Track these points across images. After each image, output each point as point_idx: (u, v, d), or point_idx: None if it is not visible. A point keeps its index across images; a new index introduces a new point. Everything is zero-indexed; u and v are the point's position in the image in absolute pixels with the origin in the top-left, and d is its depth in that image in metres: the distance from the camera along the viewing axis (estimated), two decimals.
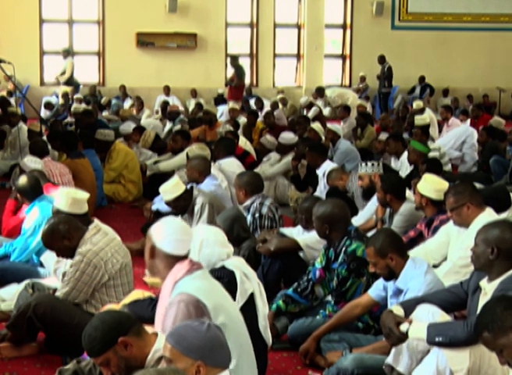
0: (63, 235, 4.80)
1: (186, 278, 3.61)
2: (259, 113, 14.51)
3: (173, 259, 3.69)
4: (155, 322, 3.74)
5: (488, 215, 5.09)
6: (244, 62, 19.81)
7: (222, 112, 16.00)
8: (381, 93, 19.88)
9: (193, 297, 3.49)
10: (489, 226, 3.95)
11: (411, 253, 4.85)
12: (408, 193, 6.58)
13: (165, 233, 3.72)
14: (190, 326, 3.06)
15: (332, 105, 18.08)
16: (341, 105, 16.21)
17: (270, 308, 5.06)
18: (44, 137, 10.29)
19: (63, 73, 18.34)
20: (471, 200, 5.15)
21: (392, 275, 4.45)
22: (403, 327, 3.85)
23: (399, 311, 3.97)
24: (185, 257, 3.72)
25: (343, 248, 4.99)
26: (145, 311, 4.35)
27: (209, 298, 3.54)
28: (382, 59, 19.82)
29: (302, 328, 4.95)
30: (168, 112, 14.16)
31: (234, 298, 4.58)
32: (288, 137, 10.10)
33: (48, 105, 17.78)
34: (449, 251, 5.36)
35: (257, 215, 6.52)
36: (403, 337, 3.84)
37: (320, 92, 19.12)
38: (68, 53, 18.69)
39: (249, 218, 6.48)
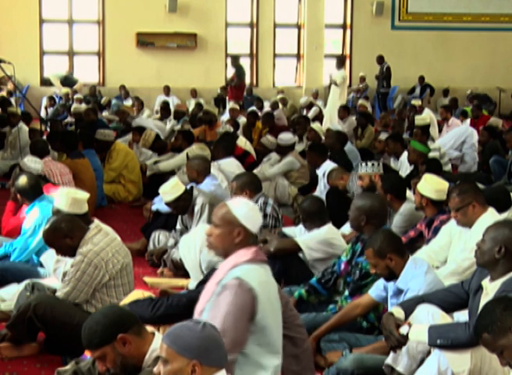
0: (65, 234, 4.80)
1: (248, 266, 3.62)
2: (259, 113, 14.51)
3: (246, 239, 3.70)
4: (200, 298, 3.75)
5: (491, 215, 5.08)
6: (244, 62, 19.81)
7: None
8: (379, 93, 19.87)
9: (249, 285, 3.53)
10: (501, 225, 3.93)
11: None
12: (408, 193, 6.58)
13: (247, 209, 3.74)
14: (185, 325, 3.07)
15: (333, 82, 17.51)
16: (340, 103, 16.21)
17: (293, 296, 5.20)
18: (44, 137, 10.28)
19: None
20: (476, 199, 5.14)
21: (392, 275, 4.46)
22: (403, 330, 3.85)
23: (399, 313, 3.97)
24: (254, 243, 3.75)
25: None
26: (145, 311, 4.35)
27: (263, 294, 3.57)
28: (380, 59, 19.82)
29: (307, 322, 4.94)
30: (174, 111, 14.14)
31: None
32: (286, 137, 10.09)
33: (50, 100, 17.82)
34: (450, 251, 5.36)
35: (261, 214, 6.51)
36: (403, 340, 3.84)
37: (341, 61, 18.18)
38: (49, 82, 18.99)
39: None
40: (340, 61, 17.96)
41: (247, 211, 3.73)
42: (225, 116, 14.94)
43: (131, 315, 3.51)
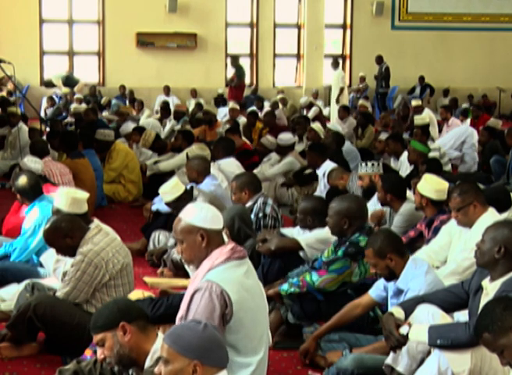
0: (66, 233, 4.80)
1: (223, 266, 3.62)
2: (259, 113, 14.51)
3: (213, 238, 3.68)
4: (181, 304, 3.75)
5: (491, 215, 5.08)
6: (244, 62, 19.82)
7: (224, 113, 15.96)
8: (378, 93, 19.86)
9: (220, 287, 3.54)
10: (500, 225, 3.93)
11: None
12: (408, 193, 6.58)
13: (198, 211, 3.71)
14: (186, 326, 3.08)
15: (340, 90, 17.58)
16: (341, 103, 16.20)
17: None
18: (44, 137, 10.29)
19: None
20: (476, 199, 5.14)
21: (392, 275, 4.46)
22: (403, 330, 3.85)
23: (399, 313, 3.97)
24: (223, 241, 3.74)
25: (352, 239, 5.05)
26: (145, 311, 4.34)
27: (235, 291, 3.57)
28: (379, 59, 19.81)
29: None
30: (174, 111, 14.15)
31: None
32: (286, 138, 10.09)
33: (50, 100, 17.82)
34: (450, 251, 5.36)
35: (260, 214, 6.53)
36: (403, 340, 3.84)
37: (336, 62, 18.44)
38: (51, 84, 19.08)
39: (252, 218, 6.48)
40: (336, 62, 18.06)
41: (198, 213, 3.70)
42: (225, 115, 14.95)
43: (140, 310, 3.57)
